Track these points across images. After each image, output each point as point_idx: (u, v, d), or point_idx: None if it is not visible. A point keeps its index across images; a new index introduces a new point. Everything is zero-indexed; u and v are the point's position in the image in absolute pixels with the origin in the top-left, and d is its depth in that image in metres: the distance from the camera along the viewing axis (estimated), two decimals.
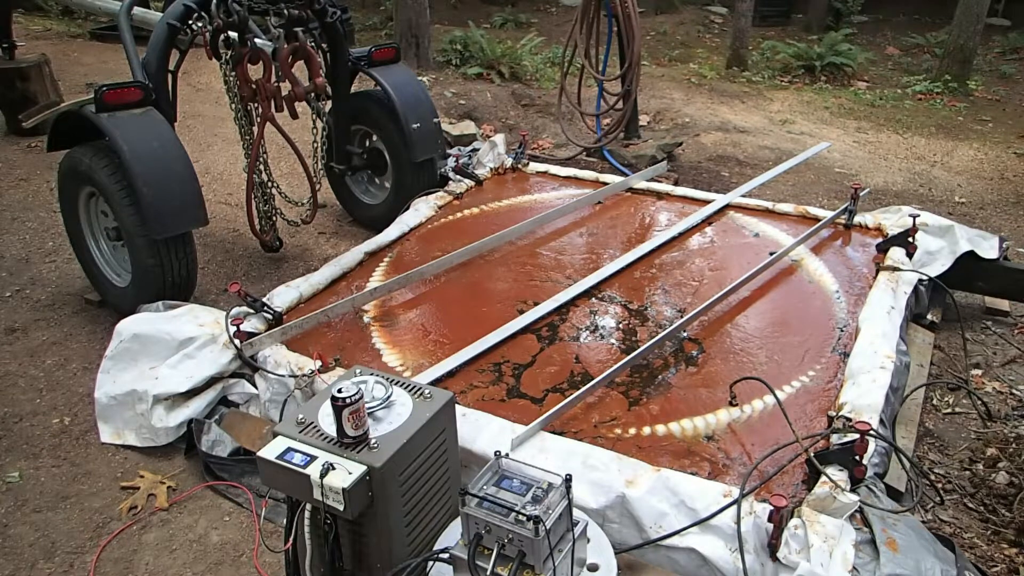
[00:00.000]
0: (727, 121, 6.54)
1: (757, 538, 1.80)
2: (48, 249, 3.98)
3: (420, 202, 3.79)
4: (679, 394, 2.40)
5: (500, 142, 4.43)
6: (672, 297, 2.99)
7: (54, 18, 9.59)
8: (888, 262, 3.04)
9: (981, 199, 4.97)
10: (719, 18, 11.49)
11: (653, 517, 1.88)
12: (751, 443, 2.18)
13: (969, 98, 7.55)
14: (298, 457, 1.63)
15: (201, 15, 3.11)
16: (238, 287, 2.76)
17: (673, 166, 5.24)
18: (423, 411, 1.75)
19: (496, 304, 2.94)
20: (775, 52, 8.97)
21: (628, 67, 4.92)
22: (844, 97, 7.67)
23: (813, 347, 2.62)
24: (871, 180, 5.25)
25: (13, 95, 5.39)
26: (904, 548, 1.74)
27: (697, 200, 3.87)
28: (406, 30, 7.63)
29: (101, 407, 2.63)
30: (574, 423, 2.25)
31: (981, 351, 3.15)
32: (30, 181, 4.79)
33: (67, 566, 2.15)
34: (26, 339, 3.23)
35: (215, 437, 2.51)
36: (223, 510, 2.34)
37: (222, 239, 4.10)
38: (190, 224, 3.01)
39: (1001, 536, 2.20)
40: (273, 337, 2.60)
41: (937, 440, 2.62)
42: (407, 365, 2.57)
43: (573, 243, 3.49)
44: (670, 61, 9.28)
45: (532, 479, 1.53)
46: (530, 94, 7.13)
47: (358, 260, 3.28)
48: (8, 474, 2.49)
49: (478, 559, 1.45)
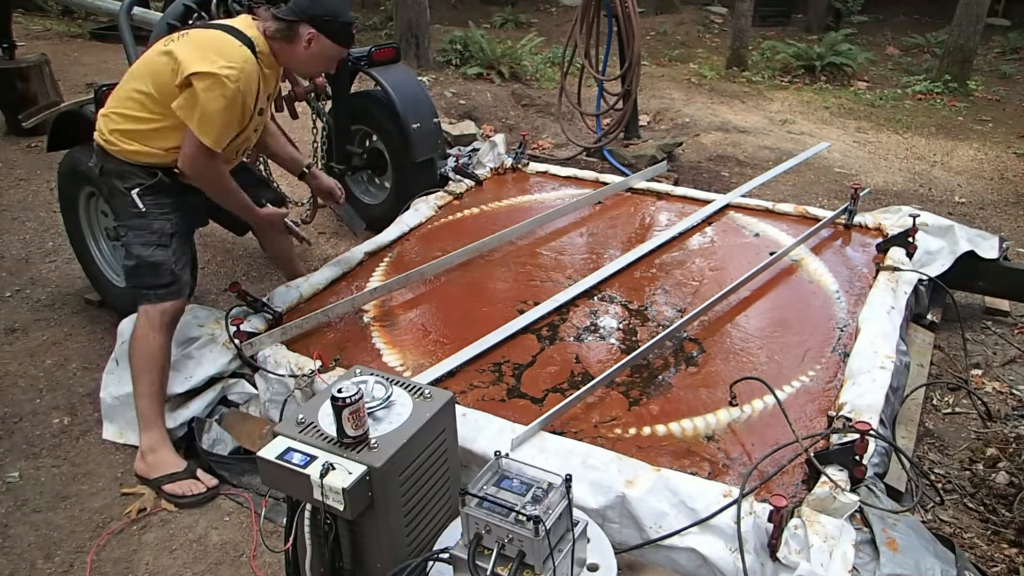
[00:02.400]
0: (727, 121, 6.54)
1: (757, 538, 1.80)
2: (48, 249, 3.98)
3: (420, 202, 3.79)
4: (679, 394, 2.40)
5: (500, 142, 4.43)
6: (672, 297, 2.99)
7: (54, 18, 9.59)
8: (888, 262, 3.04)
9: (981, 199, 4.97)
10: (719, 18, 11.49)
11: (653, 517, 1.88)
12: (751, 443, 2.18)
13: (969, 98, 7.55)
14: (298, 457, 1.63)
15: (201, 15, 3.11)
16: (238, 287, 2.77)
17: (673, 166, 5.24)
18: (423, 411, 1.75)
19: (496, 304, 2.94)
20: (775, 52, 8.98)
21: (628, 67, 4.92)
22: (844, 97, 7.67)
23: (813, 347, 2.62)
24: (871, 180, 5.25)
25: (13, 95, 5.38)
26: (904, 548, 1.74)
27: (697, 200, 3.87)
28: (406, 30, 7.63)
29: (106, 407, 2.63)
30: (574, 423, 2.25)
31: (981, 351, 3.15)
32: (30, 181, 4.79)
33: (67, 566, 2.15)
34: (26, 339, 3.23)
35: (216, 436, 2.51)
36: (223, 510, 2.35)
37: (222, 239, 4.10)
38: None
39: (1001, 536, 2.20)
40: (273, 337, 2.60)
41: (937, 440, 2.63)
42: (407, 365, 2.57)
43: (573, 243, 3.49)
44: (670, 61, 9.28)
45: (532, 479, 1.53)
46: (530, 94, 7.13)
47: (358, 260, 3.28)
48: (8, 474, 2.49)
49: (478, 559, 1.45)
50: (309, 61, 2.49)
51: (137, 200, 2.44)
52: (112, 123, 2.43)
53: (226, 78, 2.24)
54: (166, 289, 2.47)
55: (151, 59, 2.40)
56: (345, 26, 2.46)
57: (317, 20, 2.39)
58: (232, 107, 2.29)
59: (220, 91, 2.24)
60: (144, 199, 2.44)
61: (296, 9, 2.40)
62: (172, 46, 2.34)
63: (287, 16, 2.39)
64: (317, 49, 2.44)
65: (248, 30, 2.40)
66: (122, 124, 2.41)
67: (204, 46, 2.31)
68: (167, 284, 2.47)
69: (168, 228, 2.48)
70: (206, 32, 2.40)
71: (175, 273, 2.48)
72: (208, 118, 2.27)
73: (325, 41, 2.43)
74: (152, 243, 2.45)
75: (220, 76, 2.23)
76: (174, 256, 2.49)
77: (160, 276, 2.46)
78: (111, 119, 2.44)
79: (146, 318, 2.44)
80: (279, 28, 2.40)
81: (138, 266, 2.46)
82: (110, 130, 2.43)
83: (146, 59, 2.43)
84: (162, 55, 2.34)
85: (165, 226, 2.48)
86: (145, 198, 2.44)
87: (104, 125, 2.45)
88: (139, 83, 2.39)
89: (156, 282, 2.46)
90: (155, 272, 2.45)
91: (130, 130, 2.41)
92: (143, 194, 2.44)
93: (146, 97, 2.37)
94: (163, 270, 2.46)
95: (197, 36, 2.38)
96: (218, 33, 2.36)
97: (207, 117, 2.27)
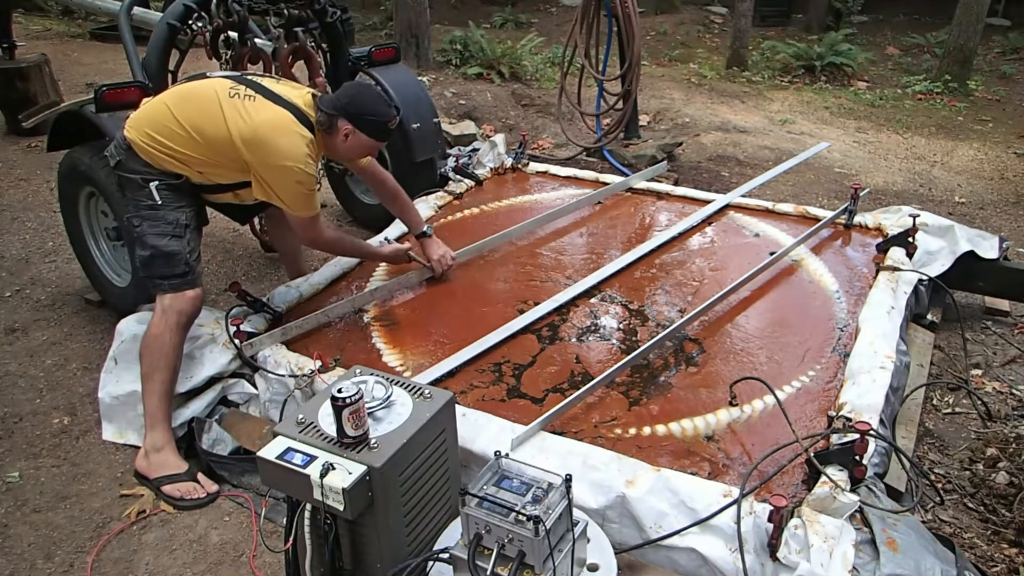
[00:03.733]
0: (727, 121, 6.54)
1: (757, 538, 1.80)
2: (48, 249, 3.99)
3: (420, 202, 3.79)
4: (679, 394, 2.40)
5: (500, 142, 4.43)
6: (672, 297, 2.99)
7: (54, 18, 9.60)
8: (888, 262, 3.04)
9: (981, 199, 4.97)
10: (719, 18, 11.49)
11: (653, 517, 1.88)
12: (751, 443, 2.18)
13: (969, 98, 7.55)
14: (298, 457, 1.63)
15: (201, 15, 3.11)
16: (238, 287, 2.77)
17: (673, 166, 5.24)
18: (423, 411, 1.75)
19: (496, 304, 2.94)
20: (775, 52, 8.98)
21: (628, 67, 4.92)
22: (844, 97, 7.67)
23: (813, 347, 2.62)
24: (871, 180, 5.25)
25: (13, 95, 5.39)
26: (904, 548, 1.74)
27: (697, 200, 3.87)
28: (406, 30, 7.63)
29: (105, 407, 2.63)
30: (574, 423, 2.25)
31: (981, 351, 3.15)
32: (30, 181, 4.80)
33: (67, 566, 2.15)
34: (26, 339, 3.23)
35: (216, 436, 2.51)
36: (223, 510, 2.35)
37: (222, 239, 4.10)
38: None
39: (1001, 536, 2.20)
40: (273, 337, 2.60)
41: (937, 440, 2.63)
42: (407, 365, 2.57)
43: (573, 243, 3.49)
44: (670, 61, 9.28)
45: (532, 479, 1.53)
46: (530, 94, 7.13)
47: (358, 260, 3.28)
48: (8, 474, 2.49)
49: (478, 559, 1.45)
50: (347, 152, 2.61)
51: (154, 192, 2.46)
52: (157, 135, 2.44)
53: (294, 170, 2.40)
54: (181, 279, 2.48)
55: (206, 107, 2.42)
56: (382, 124, 2.54)
57: (355, 118, 2.49)
58: (307, 183, 2.46)
59: (294, 178, 2.42)
60: (161, 192, 2.47)
61: (336, 104, 2.49)
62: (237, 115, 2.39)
63: (327, 109, 2.48)
64: (355, 143, 2.55)
65: (308, 109, 2.49)
66: (164, 141, 2.44)
67: (267, 140, 2.38)
68: (181, 274, 2.48)
69: (183, 219, 2.50)
70: (271, 114, 2.42)
71: (189, 263, 2.50)
72: (295, 199, 2.46)
73: (363, 137, 2.53)
74: (168, 233, 2.46)
75: (291, 168, 2.40)
76: (188, 247, 2.51)
77: (175, 266, 2.47)
78: (155, 130, 2.44)
79: (162, 314, 2.45)
80: (321, 119, 2.49)
81: (153, 256, 2.46)
82: (151, 136, 2.44)
83: (200, 101, 2.45)
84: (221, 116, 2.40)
85: (180, 217, 2.50)
86: (162, 191, 2.47)
87: (145, 128, 2.45)
88: (187, 121, 2.42)
89: (171, 272, 2.47)
90: (170, 262, 2.46)
91: (173, 151, 2.44)
92: (161, 187, 2.47)
93: (193, 139, 2.42)
94: (178, 259, 2.47)
95: (263, 118, 2.40)
96: (282, 118, 2.42)
97: (295, 199, 2.46)
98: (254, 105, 2.42)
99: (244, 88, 2.46)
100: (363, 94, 2.55)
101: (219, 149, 2.42)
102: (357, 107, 2.48)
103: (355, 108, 2.48)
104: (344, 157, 2.70)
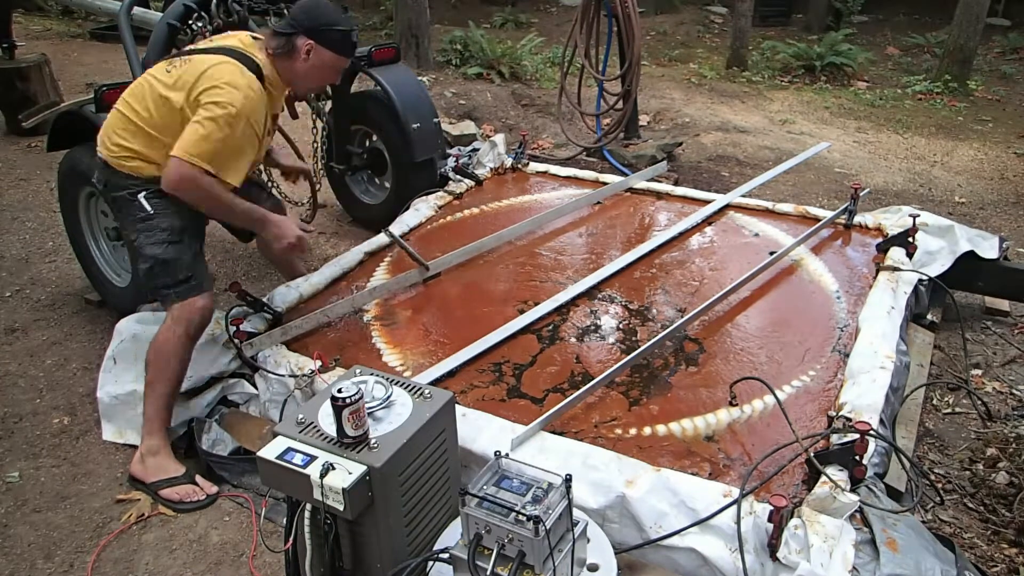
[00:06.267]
0: (727, 121, 6.54)
1: (757, 538, 1.80)
2: (48, 249, 3.98)
3: (420, 202, 3.79)
4: (679, 394, 2.40)
5: (500, 142, 4.43)
6: (672, 297, 2.99)
7: (54, 18, 9.59)
8: (888, 262, 3.04)
9: (981, 199, 4.97)
10: (719, 18, 11.49)
11: (653, 517, 1.88)
12: (751, 443, 2.18)
13: (969, 98, 7.55)
14: (298, 457, 1.63)
15: (201, 15, 3.11)
16: (238, 287, 2.76)
17: (673, 166, 5.24)
18: (423, 411, 1.75)
19: (496, 304, 2.94)
20: (775, 52, 8.98)
21: (628, 67, 4.92)
22: (844, 97, 7.67)
23: (813, 347, 2.62)
24: (871, 180, 5.25)
25: (13, 95, 5.39)
26: (904, 548, 1.74)
27: (697, 200, 3.87)
28: (406, 30, 7.63)
29: (104, 406, 2.63)
30: (574, 423, 2.25)
31: (981, 351, 3.15)
32: (30, 181, 4.79)
33: (67, 566, 2.15)
34: (26, 339, 3.23)
35: (216, 436, 2.51)
36: (223, 510, 2.35)
37: (222, 239, 4.09)
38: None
39: (1001, 536, 2.20)
40: (273, 337, 2.60)
41: (937, 440, 2.63)
42: (407, 365, 2.57)
43: (573, 243, 3.49)
44: (670, 61, 9.28)
45: (532, 479, 1.53)
46: (530, 94, 7.13)
47: (358, 260, 3.28)
48: (8, 474, 2.49)
49: (478, 559, 1.45)
50: (309, 74, 2.45)
51: (145, 203, 2.41)
52: (118, 139, 2.40)
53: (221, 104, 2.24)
54: (185, 286, 2.42)
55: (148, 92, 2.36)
56: (343, 34, 2.41)
57: (313, 31, 2.37)
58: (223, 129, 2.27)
59: (213, 114, 2.25)
60: (151, 201, 2.41)
61: (293, 22, 2.38)
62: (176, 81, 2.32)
63: (284, 30, 2.38)
64: (316, 61, 2.41)
65: (255, 53, 2.39)
66: (127, 144, 2.39)
67: (204, 81, 2.28)
68: (184, 280, 2.43)
69: (177, 223, 2.44)
70: (210, 61, 2.34)
71: (190, 268, 2.44)
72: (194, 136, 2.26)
73: (324, 52, 2.40)
74: (163, 240, 2.41)
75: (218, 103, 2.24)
76: (188, 251, 2.46)
77: (175, 273, 2.42)
78: (116, 136, 2.41)
79: (171, 324, 2.40)
80: (279, 44, 2.39)
81: (152, 267, 2.42)
82: (115, 144, 2.41)
83: (141, 90, 2.39)
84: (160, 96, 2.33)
85: (174, 221, 2.44)
86: (152, 200, 2.41)
87: (108, 140, 2.42)
88: (140, 105, 2.37)
89: (173, 279, 2.42)
90: (169, 270, 2.41)
91: (138, 153, 2.39)
92: (150, 196, 2.41)
93: (148, 134, 2.36)
94: (178, 266, 2.42)
95: (200, 68, 2.32)
96: (220, 59, 2.32)
97: (194, 135, 2.26)
98: (190, 64, 2.35)
99: (179, 59, 2.40)
100: (319, 6, 2.40)
101: (175, 130, 2.31)
102: (314, 20, 2.35)
103: (312, 21, 2.35)
104: (306, 83, 2.51)
